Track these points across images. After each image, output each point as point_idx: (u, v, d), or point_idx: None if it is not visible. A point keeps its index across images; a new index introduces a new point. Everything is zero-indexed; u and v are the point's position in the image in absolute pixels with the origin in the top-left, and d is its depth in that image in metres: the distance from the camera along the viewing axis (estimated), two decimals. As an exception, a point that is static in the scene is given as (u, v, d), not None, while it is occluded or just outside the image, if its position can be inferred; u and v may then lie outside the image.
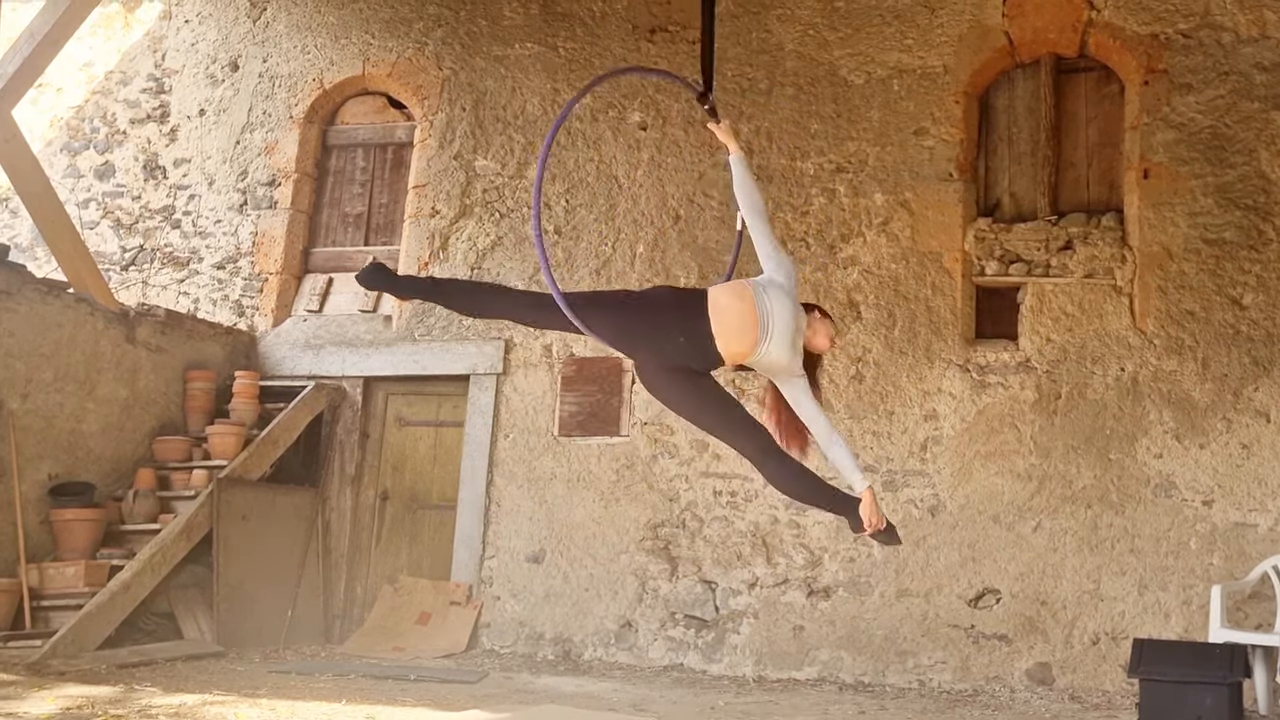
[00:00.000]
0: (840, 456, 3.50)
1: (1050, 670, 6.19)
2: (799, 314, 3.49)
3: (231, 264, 8.44)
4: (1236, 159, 6.44)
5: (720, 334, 3.38)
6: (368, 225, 8.43)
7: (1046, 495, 6.40)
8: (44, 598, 6.35)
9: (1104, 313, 6.52)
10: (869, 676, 6.43)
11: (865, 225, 7.02)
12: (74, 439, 6.96)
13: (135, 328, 7.41)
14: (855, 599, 6.59)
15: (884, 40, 7.21)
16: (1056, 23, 6.89)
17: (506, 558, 7.27)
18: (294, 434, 7.56)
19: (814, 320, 3.56)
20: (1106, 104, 6.99)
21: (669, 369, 3.46)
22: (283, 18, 8.71)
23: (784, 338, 3.41)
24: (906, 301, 6.84)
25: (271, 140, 8.54)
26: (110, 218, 8.86)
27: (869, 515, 3.49)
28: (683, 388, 3.49)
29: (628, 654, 6.89)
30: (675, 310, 3.43)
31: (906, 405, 6.72)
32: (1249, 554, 6.00)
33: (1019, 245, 6.78)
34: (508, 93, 7.99)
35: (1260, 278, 6.30)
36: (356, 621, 7.49)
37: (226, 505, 6.92)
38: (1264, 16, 6.50)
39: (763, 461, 3.49)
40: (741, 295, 3.41)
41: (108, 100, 9.11)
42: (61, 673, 5.50)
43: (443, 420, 7.80)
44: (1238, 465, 6.13)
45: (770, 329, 3.39)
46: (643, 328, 3.42)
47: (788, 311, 3.43)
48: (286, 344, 8.09)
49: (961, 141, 6.97)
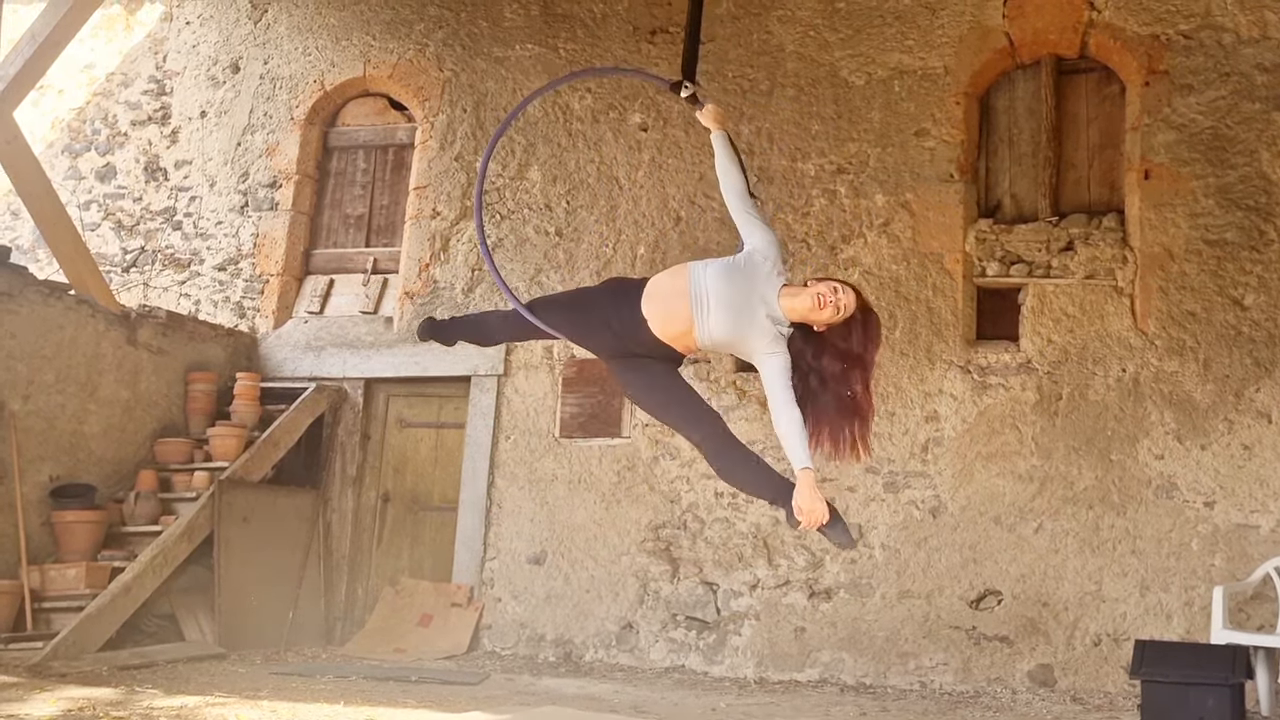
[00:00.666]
0: (788, 434, 3.18)
1: (1052, 672, 6.19)
2: (765, 286, 3.27)
3: (233, 265, 8.45)
4: (1238, 160, 6.43)
5: (652, 316, 3.31)
6: (369, 227, 8.43)
7: (1048, 496, 6.40)
8: (45, 599, 6.35)
9: (1105, 314, 6.52)
10: (870, 678, 6.43)
11: (866, 226, 7.02)
12: (75, 441, 6.96)
13: (136, 329, 7.42)
14: (856, 600, 6.58)
15: (885, 41, 7.21)
16: (1057, 23, 6.88)
17: (508, 559, 7.27)
18: (295, 436, 7.56)
19: (800, 291, 3.25)
20: (1107, 105, 6.98)
21: (618, 357, 3.44)
22: (284, 19, 8.72)
23: (726, 312, 3.22)
24: (907, 303, 6.84)
25: (272, 142, 8.54)
26: (111, 219, 8.87)
27: (800, 502, 3.12)
28: (635, 374, 3.44)
29: (629, 656, 6.89)
30: (610, 298, 3.43)
31: (908, 406, 6.72)
32: (1251, 555, 5.99)
33: (1020, 246, 6.78)
34: (509, 94, 7.99)
35: (1262, 278, 6.29)
36: (358, 623, 7.49)
37: (228, 507, 6.92)
38: (1265, 17, 6.50)
39: (707, 449, 3.39)
40: (676, 274, 3.34)
41: (109, 102, 9.12)
42: (63, 675, 5.50)
43: (444, 422, 7.80)
44: (1239, 466, 6.13)
45: (706, 305, 3.23)
46: (584, 319, 3.46)
47: (735, 285, 3.25)
48: (287, 346, 8.10)
49: (962, 142, 6.97)
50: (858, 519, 6.66)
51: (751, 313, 3.25)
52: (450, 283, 7.87)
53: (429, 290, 7.90)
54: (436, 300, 7.87)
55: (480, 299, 7.73)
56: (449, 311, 7.83)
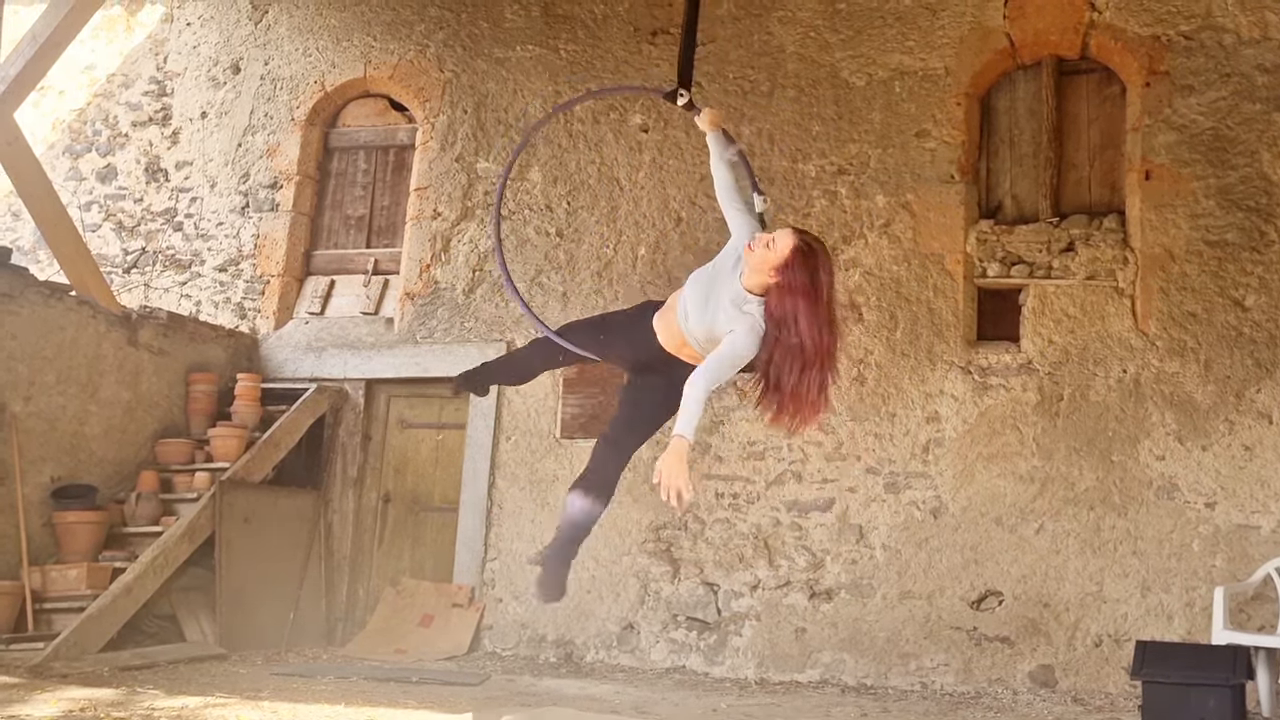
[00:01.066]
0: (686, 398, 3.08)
1: (1053, 672, 6.19)
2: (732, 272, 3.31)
3: (233, 266, 8.45)
4: (1238, 160, 6.43)
5: (659, 330, 3.49)
6: (369, 228, 8.43)
7: (1049, 497, 6.40)
8: (46, 600, 6.36)
9: (1106, 314, 6.52)
10: (871, 679, 6.43)
11: (867, 227, 7.02)
12: (76, 441, 6.97)
13: (137, 330, 7.42)
14: (857, 601, 6.58)
15: (885, 42, 7.21)
16: (1058, 24, 6.89)
17: (509, 559, 7.27)
18: (296, 436, 7.56)
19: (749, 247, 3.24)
20: (1108, 106, 6.98)
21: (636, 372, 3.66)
22: (284, 20, 8.72)
23: (696, 310, 3.30)
24: (908, 303, 6.84)
25: (273, 143, 8.54)
26: (112, 220, 8.87)
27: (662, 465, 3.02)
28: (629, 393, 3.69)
29: (630, 656, 6.89)
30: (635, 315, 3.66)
31: (908, 407, 6.72)
32: (1252, 556, 5.99)
33: (1020, 247, 6.78)
34: (509, 95, 8.00)
35: (1263, 279, 6.29)
36: (359, 624, 7.49)
37: (229, 508, 6.92)
38: (1265, 18, 6.50)
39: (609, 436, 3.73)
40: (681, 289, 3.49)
41: (109, 103, 9.12)
42: (64, 675, 5.50)
43: (445, 422, 7.81)
44: (1240, 467, 6.13)
45: (685, 311, 3.35)
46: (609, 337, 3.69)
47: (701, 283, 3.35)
48: (288, 346, 8.10)
49: (963, 143, 6.97)
50: (859, 520, 6.67)
51: (717, 301, 3.29)
52: (451, 283, 7.87)
53: (430, 291, 7.90)
54: (438, 301, 7.87)
55: (481, 299, 7.73)
56: (449, 312, 7.86)
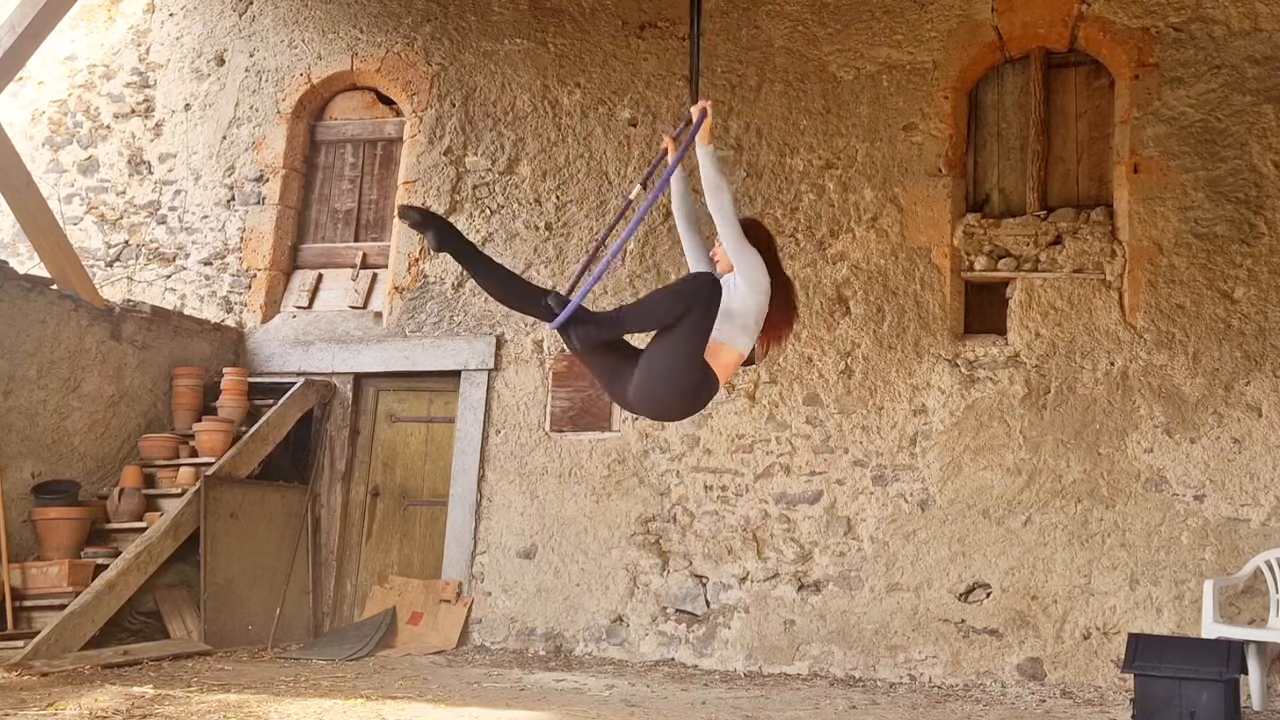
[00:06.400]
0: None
1: (1041, 665, 6.19)
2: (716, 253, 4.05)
3: (219, 260, 8.38)
4: (1227, 153, 6.44)
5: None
6: (357, 221, 8.37)
7: (1036, 490, 6.40)
8: (27, 597, 6.28)
9: (1093, 307, 6.52)
10: (860, 671, 6.42)
11: (854, 221, 7.01)
12: (58, 437, 6.89)
13: (120, 324, 7.34)
14: (845, 593, 6.58)
15: (873, 36, 7.20)
16: (1046, 17, 6.88)
17: (498, 553, 7.24)
18: (283, 431, 7.50)
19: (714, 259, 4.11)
20: (1096, 98, 6.99)
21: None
22: (269, 11, 8.64)
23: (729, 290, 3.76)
24: (895, 297, 6.83)
25: (259, 135, 8.47)
26: (94, 213, 8.78)
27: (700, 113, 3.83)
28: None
29: (619, 649, 6.87)
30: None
31: (895, 400, 6.71)
32: (1241, 549, 6.01)
33: (1008, 240, 6.78)
34: (497, 89, 7.95)
35: (1251, 271, 6.31)
36: (346, 619, 7.44)
37: (214, 503, 6.86)
38: (1255, 9, 6.51)
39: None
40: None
41: (91, 94, 9.02)
42: (45, 673, 5.44)
43: (434, 416, 7.76)
44: (1229, 460, 6.14)
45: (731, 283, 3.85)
46: None
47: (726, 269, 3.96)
48: (275, 340, 8.04)
49: (950, 137, 6.96)
50: (846, 512, 6.66)
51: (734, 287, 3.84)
52: (440, 277, 7.82)
53: (419, 285, 7.85)
54: (426, 295, 7.82)
55: (470, 294, 7.68)
56: (438, 306, 7.80)
